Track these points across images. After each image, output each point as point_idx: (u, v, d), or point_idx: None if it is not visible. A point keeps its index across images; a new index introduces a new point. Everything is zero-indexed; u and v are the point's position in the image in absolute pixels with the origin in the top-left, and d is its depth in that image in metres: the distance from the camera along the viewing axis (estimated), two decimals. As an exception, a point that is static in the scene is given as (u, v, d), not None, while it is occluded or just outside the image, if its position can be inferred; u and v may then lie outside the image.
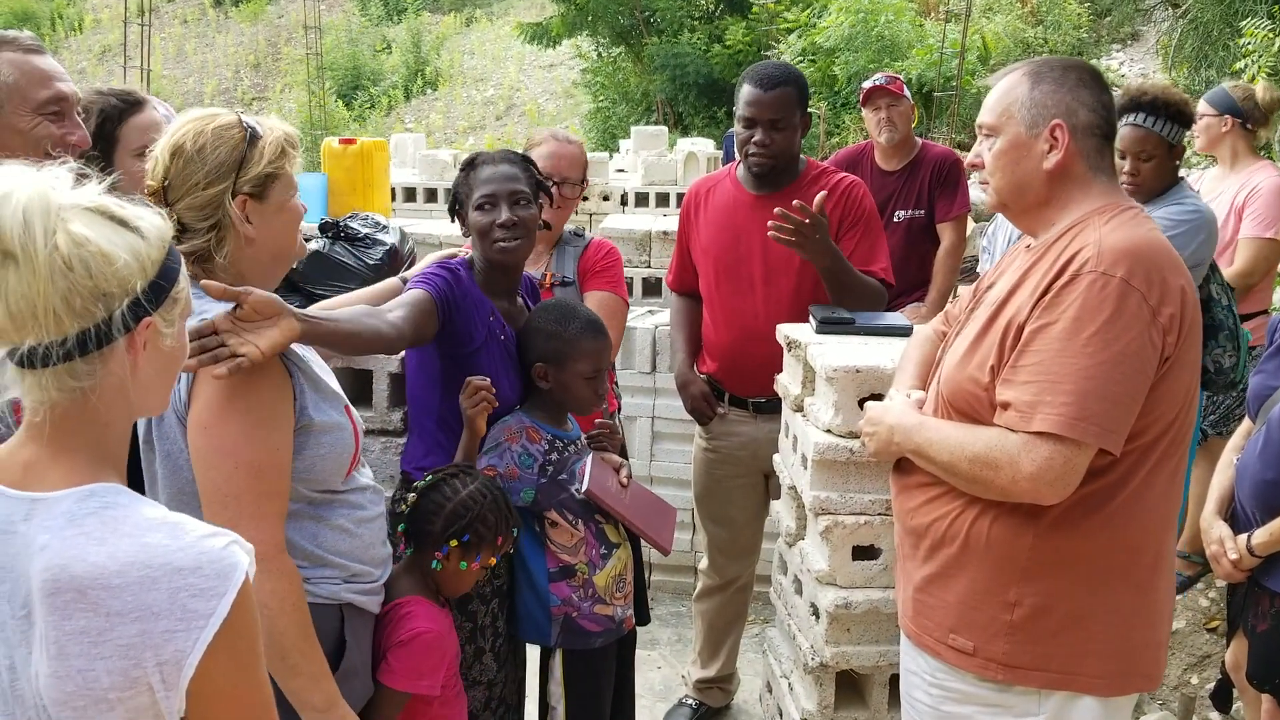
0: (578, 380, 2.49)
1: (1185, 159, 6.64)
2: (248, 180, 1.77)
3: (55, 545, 1.14)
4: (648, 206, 8.37)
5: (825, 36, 11.77)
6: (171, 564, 1.14)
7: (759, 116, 3.07)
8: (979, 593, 1.86)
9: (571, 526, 2.47)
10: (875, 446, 2.07)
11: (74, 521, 1.15)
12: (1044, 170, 1.85)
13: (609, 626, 2.53)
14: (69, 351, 1.15)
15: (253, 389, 1.71)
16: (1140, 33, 10.61)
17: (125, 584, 1.12)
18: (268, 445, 1.72)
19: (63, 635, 1.12)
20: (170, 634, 1.13)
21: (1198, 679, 3.62)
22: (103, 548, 1.14)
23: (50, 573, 1.13)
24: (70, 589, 1.12)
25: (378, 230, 2.71)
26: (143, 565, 1.13)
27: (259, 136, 1.80)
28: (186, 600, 1.14)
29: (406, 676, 2.04)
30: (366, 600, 1.99)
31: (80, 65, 24.79)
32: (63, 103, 2.16)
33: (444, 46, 24.28)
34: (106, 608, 1.12)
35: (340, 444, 1.87)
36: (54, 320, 1.14)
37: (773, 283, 3.12)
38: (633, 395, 4.42)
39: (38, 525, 1.16)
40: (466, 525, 2.18)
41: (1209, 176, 4.20)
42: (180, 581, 1.14)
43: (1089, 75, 1.87)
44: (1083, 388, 1.69)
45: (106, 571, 1.12)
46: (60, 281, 1.13)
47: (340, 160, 4.02)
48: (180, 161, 1.76)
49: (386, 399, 2.62)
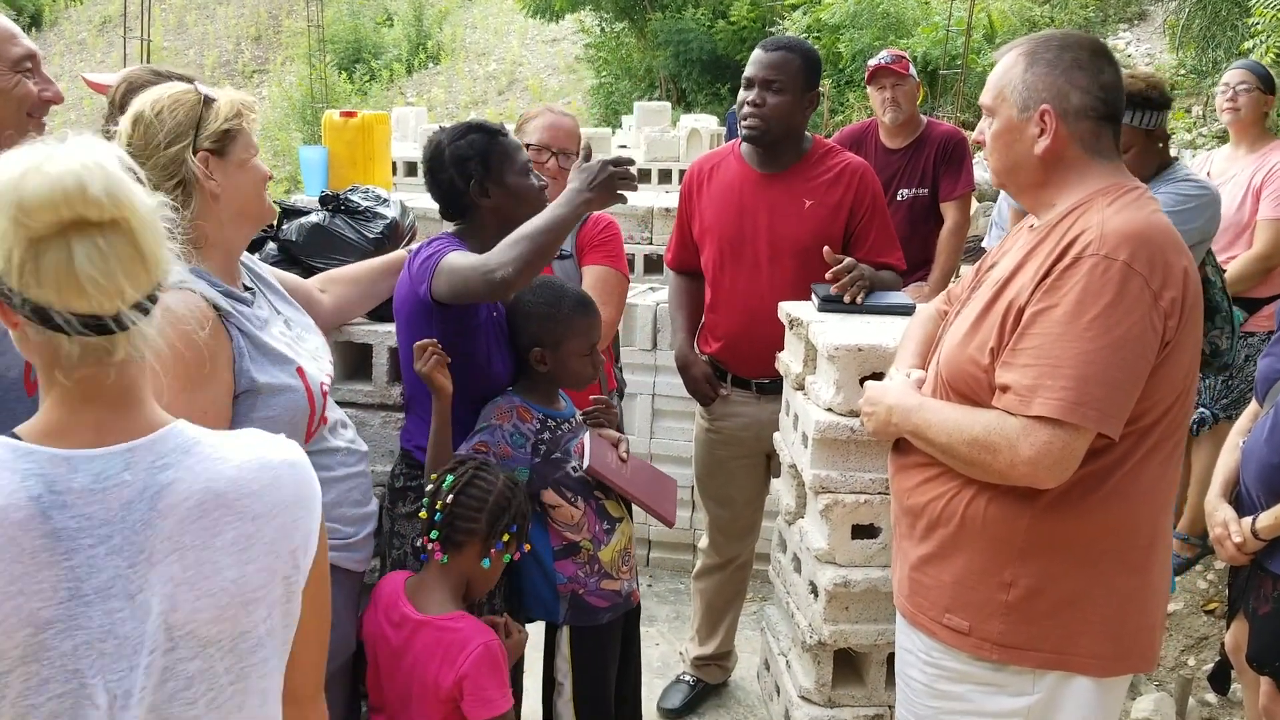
0: (575, 358, 2.49)
1: (1191, 140, 6.62)
2: (207, 136, 1.88)
3: (185, 475, 1.20)
4: (650, 183, 8.34)
5: (830, 13, 11.69)
6: (286, 459, 1.28)
7: (754, 75, 3.06)
8: (975, 573, 1.86)
9: (571, 505, 2.47)
10: (873, 426, 2.07)
11: (189, 450, 1.22)
12: (1035, 154, 1.84)
13: (616, 601, 2.54)
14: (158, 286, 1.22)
15: (176, 351, 1.71)
16: (1148, 12, 10.52)
17: (261, 488, 1.23)
18: (192, 406, 1.71)
19: (215, 552, 1.19)
20: (297, 520, 1.26)
21: (1195, 661, 3.63)
22: (228, 463, 1.22)
23: (195, 497, 1.19)
24: (218, 505, 1.20)
25: (378, 203, 2.69)
26: (268, 467, 1.25)
27: (213, 100, 1.92)
28: (302, 489, 1.28)
29: (501, 694, 2.09)
30: (338, 556, 2.00)
31: (80, 36, 24.67)
32: (34, 59, 2.17)
33: (446, 20, 24.15)
34: (252, 512, 1.22)
35: (292, 405, 1.92)
36: (165, 260, 1.20)
37: (778, 262, 3.10)
38: (633, 372, 4.41)
39: (149, 467, 1.19)
40: (514, 516, 2.19)
41: (1219, 156, 4.15)
42: (296, 474, 1.28)
43: (1087, 55, 1.84)
44: (1083, 372, 1.68)
45: (242, 480, 1.22)
46: (160, 225, 1.20)
47: (341, 133, 3.99)
48: (141, 127, 1.86)
49: (386, 373, 2.61)
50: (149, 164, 1.81)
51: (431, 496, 2.20)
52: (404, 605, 2.15)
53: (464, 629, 2.10)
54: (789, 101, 3.04)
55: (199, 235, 1.86)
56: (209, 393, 1.79)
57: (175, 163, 1.86)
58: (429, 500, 2.20)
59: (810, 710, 2.62)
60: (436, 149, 2.49)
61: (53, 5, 25.94)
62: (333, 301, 2.47)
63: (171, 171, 1.85)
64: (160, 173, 1.84)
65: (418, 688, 2.10)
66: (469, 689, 2.06)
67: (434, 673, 2.07)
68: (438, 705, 2.08)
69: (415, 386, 2.46)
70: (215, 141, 1.89)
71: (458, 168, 2.44)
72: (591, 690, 2.56)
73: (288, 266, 2.57)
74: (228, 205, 1.92)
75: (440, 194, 2.51)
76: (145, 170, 1.72)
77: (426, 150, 2.52)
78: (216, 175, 1.89)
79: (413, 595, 2.18)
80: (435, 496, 2.19)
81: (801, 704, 2.64)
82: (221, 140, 1.90)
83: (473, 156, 2.44)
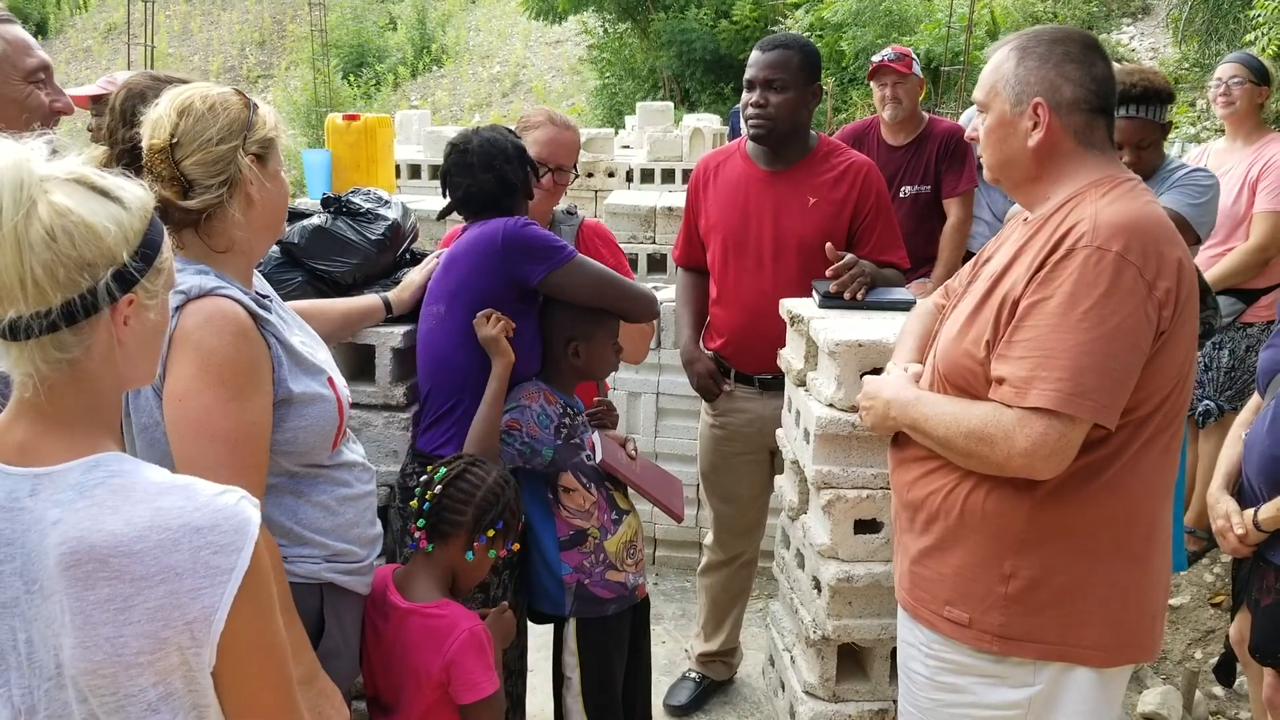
0: (606, 349, 2.60)
1: (1196, 134, 6.61)
2: (255, 141, 1.80)
3: (69, 518, 1.14)
4: (653, 183, 8.34)
5: (832, 11, 11.68)
6: (190, 524, 1.16)
7: (755, 76, 3.08)
8: (974, 565, 1.87)
9: (585, 490, 2.52)
10: (871, 420, 2.08)
11: (84, 493, 1.16)
12: (1029, 148, 1.85)
13: (621, 594, 2.56)
14: (54, 322, 1.15)
15: (227, 360, 1.70)
16: (1150, 6, 10.50)
17: (146, 549, 1.14)
18: (242, 418, 1.71)
19: (88, 606, 1.13)
20: (196, 592, 1.15)
21: (1201, 654, 3.63)
22: (118, 515, 1.15)
23: (68, 545, 1.13)
24: (91, 559, 1.13)
25: (380, 205, 2.70)
26: (161, 528, 1.15)
27: (257, 105, 1.84)
28: (209, 558, 1.16)
29: (487, 677, 2.10)
30: (350, 580, 1.98)
31: (85, 43, 24.76)
32: (46, 70, 2.18)
33: (449, 23, 24.17)
34: (130, 574, 1.13)
35: (323, 416, 1.86)
36: (37, 291, 1.14)
37: (781, 259, 3.11)
38: (637, 371, 4.42)
39: (46, 500, 1.16)
40: (500, 512, 2.21)
41: (1214, 150, 4.15)
42: (200, 540, 1.16)
43: (1079, 49, 1.85)
44: (1078, 363, 1.69)
45: (126, 538, 1.14)
46: (43, 252, 1.13)
47: (344, 136, 4.00)
48: (190, 119, 1.75)
49: (389, 374, 2.62)
50: (193, 158, 1.74)
51: (423, 486, 2.24)
52: (391, 594, 2.18)
53: (449, 615, 2.13)
54: (792, 98, 3.07)
55: (228, 240, 1.81)
56: (257, 402, 1.74)
57: (225, 160, 1.76)
58: (420, 489, 2.24)
59: (815, 705, 2.63)
60: (490, 144, 2.53)
61: (58, 13, 26.03)
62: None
63: (220, 169, 1.76)
64: (207, 168, 1.75)
65: (409, 675, 2.12)
66: (455, 674, 2.08)
67: (422, 659, 2.10)
68: (427, 690, 2.10)
69: (446, 388, 2.48)
70: (261, 147, 1.82)
71: (520, 159, 2.56)
72: (599, 684, 2.58)
73: (290, 269, 2.59)
74: (261, 214, 1.84)
75: (480, 188, 2.53)
76: (188, 164, 1.73)
77: (462, 146, 2.55)
78: (256, 181, 1.82)
79: (400, 584, 2.21)
80: (426, 486, 2.24)
81: (806, 699, 2.65)
82: (266, 148, 1.83)
83: (524, 151, 2.59)
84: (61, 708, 1.18)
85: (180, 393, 1.69)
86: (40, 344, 1.16)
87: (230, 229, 1.80)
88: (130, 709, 1.16)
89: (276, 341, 1.81)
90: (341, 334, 2.51)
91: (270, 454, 1.80)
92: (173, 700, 1.18)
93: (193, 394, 1.68)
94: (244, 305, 1.76)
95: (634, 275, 3.25)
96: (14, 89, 2.13)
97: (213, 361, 1.68)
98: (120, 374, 1.25)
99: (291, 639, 1.75)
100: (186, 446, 1.69)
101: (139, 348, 1.26)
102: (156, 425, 1.75)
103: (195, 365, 1.67)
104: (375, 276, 2.69)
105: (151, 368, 1.33)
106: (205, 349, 1.67)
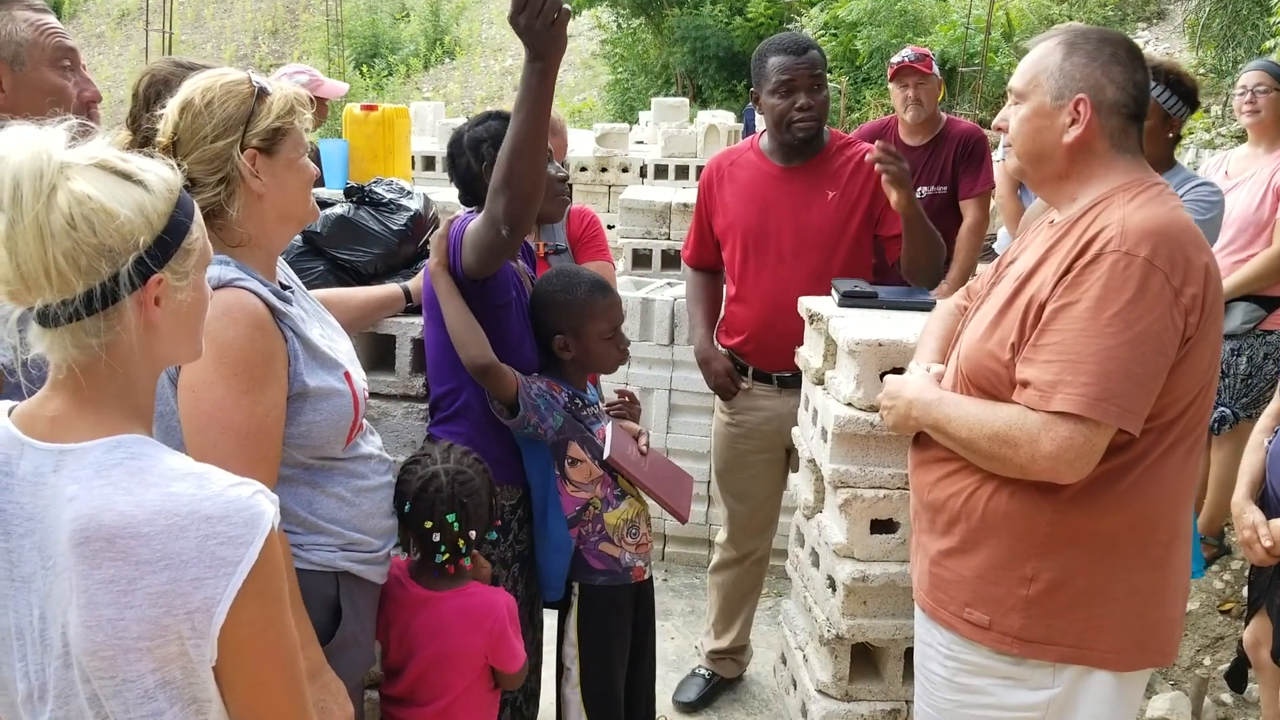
0: (597, 342, 2.53)
1: (1210, 140, 6.58)
2: (256, 134, 1.77)
3: (84, 496, 1.15)
4: (667, 179, 8.35)
5: (848, 10, 11.68)
6: (199, 512, 1.15)
7: (799, 81, 3.09)
8: (995, 567, 1.87)
9: (591, 463, 2.51)
10: (893, 420, 2.07)
11: (101, 472, 1.17)
12: (1064, 144, 1.84)
13: (613, 569, 2.55)
14: (77, 310, 1.16)
15: (241, 352, 1.69)
16: (1167, 10, 10.46)
17: (153, 532, 1.14)
18: (255, 411, 1.70)
19: (92, 585, 1.14)
20: (199, 582, 1.14)
21: (1211, 660, 3.63)
22: (130, 497, 1.15)
23: (79, 523, 1.14)
24: (99, 538, 1.13)
25: (402, 196, 2.71)
26: (170, 514, 1.15)
27: (267, 92, 1.80)
28: (215, 548, 1.15)
29: (520, 644, 2.28)
30: (366, 570, 1.98)
31: (99, 29, 24.78)
32: (74, 56, 2.17)
33: (463, 15, 24.15)
34: (135, 556, 1.13)
35: (338, 410, 1.86)
36: (60, 279, 1.14)
37: (801, 255, 3.12)
38: (650, 368, 4.43)
39: (66, 476, 1.17)
40: (436, 506, 2.14)
41: (1236, 156, 4.13)
42: (208, 530, 1.15)
43: (1125, 52, 1.84)
44: (1104, 368, 1.69)
45: (135, 520, 1.14)
46: (64, 240, 1.13)
47: (362, 126, 4.00)
48: (189, 116, 1.74)
49: (409, 364, 2.62)
50: (192, 156, 1.73)
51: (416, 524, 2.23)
52: (411, 586, 2.22)
53: (481, 593, 2.24)
54: (827, 96, 3.16)
55: (242, 235, 1.79)
56: (270, 396, 1.73)
57: (220, 158, 1.74)
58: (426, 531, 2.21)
59: (827, 704, 2.63)
60: (456, 135, 2.58)
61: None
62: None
63: (216, 167, 1.74)
64: (204, 166, 1.74)
65: (449, 659, 2.19)
66: (502, 645, 2.22)
67: (463, 641, 2.19)
68: (467, 671, 2.21)
69: (450, 385, 2.48)
70: (265, 139, 1.77)
71: (473, 151, 2.52)
72: (598, 675, 2.58)
73: (313, 258, 2.59)
74: (272, 206, 1.81)
75: (459, 179, 2.58)
76: (189, 163, 1.71)
77: (450, 139, 2.61)
78: (263, 174, 1.78)
79: (416, 576, 2.24)
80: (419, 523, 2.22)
81: (818, 698, 2.65)
82: (271, 138, 1.78)
83: (487, 139, 2.49)
84: (68, 687, 1.19)
85: (194, 384, 1.69)
86: (68, 330, 1.17)
87: (236, 225, 1.79)
88: (128, 694, 1.17)
89: (293, 335, 1.80)
90: (362, 323, 2.51)
91: (284, 446, 1.80)
92: (170, 689, 1.18)
93: (206, 385, 1.69)
94: (262, 297, 1.75)
95: (614, 264, 3.31)
96: (41, 76, 2.12)
97: (227, 353, 1.68)
98: (155, 355, 1.26)
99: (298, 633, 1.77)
100: (199, 437, 1.69)
101: (173, 328, 1.26)
102: (172, 413, 1.75)
103: (210, 356, 1.66)
104: (397, 267, 2.70)
105: (193, 347, 1.32)
106: (220, 341, 1.66)
